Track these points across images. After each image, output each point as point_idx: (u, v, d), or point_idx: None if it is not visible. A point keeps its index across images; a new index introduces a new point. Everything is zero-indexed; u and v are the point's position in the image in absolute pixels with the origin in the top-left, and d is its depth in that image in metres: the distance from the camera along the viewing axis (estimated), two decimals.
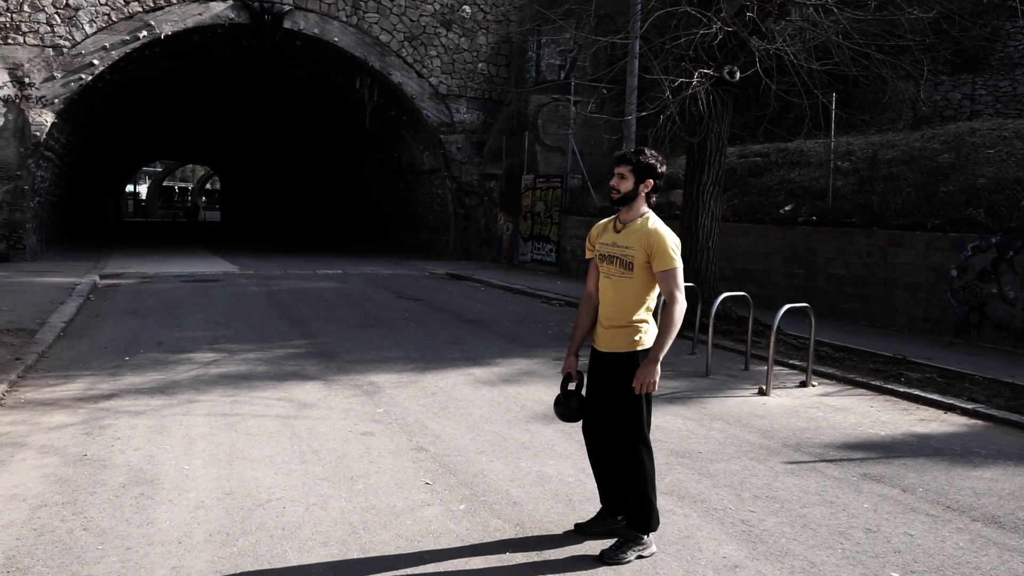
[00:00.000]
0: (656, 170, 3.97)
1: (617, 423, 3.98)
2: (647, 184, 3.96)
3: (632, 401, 3.92)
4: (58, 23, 18.64)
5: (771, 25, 10.00)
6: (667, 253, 3.87)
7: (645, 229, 3.94)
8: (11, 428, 5.80)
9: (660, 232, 3.90)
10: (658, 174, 3.98)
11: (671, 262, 3.87)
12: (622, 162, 3.99)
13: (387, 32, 21.65)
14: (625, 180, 3.96)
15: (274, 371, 7.97)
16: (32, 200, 19.15)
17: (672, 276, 3.87)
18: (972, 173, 11.28)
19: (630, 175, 3.95)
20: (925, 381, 8.06)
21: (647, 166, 3.95)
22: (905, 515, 4.59)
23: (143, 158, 55.35)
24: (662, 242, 3.88)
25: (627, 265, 3.94)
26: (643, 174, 3.95)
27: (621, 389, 3.92)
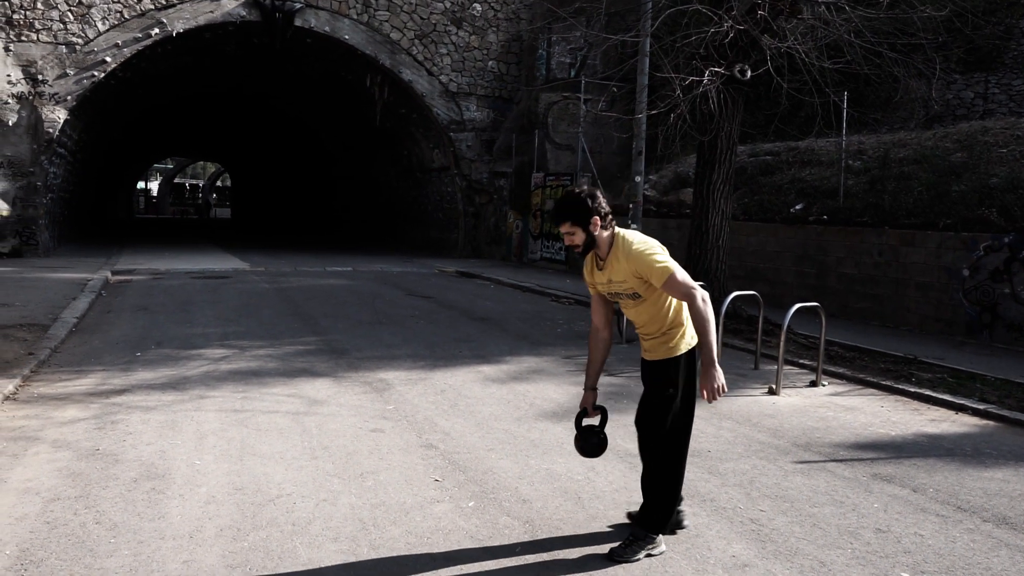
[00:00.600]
0: (591, 205, 3.83)
1: (648, 425, 3.99)
2: (595, 223, 3.84)
3: (662, 407, 3.95)
4: (71, 20, 18.75)
5: (783, 23, 9.96)
6: (656, 267, 3.80)
7: (623, 253, 3.86)
8: (24, 422, 5.85)
9: (637, 250, 3.83)
10: (598, 207, 3.84)
11: (665, 270, 3.80)
12: (561, 221, 3.88)
13: (397, 30, 21.67)
14: (575, 234, 3.87)
15: (284, 367, 8.01)
16: (45, 196, 19.27)
17: (674, 280, 3.81)
18: (985, 172, 11.21)
19: (575, 227, 3.85)
20: (936, 381, 8.02)
21: (584, 211, 3.82)
22: (915, 515, 4.58)
23: (154, 155, 55.60)
24: (644, 260, 3.81)
25: (633, 295, 3.95)
26: (585, 219, 3.83)
27: (658, 394, 3.98)
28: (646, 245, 3.86)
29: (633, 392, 7.09)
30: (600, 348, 4.17)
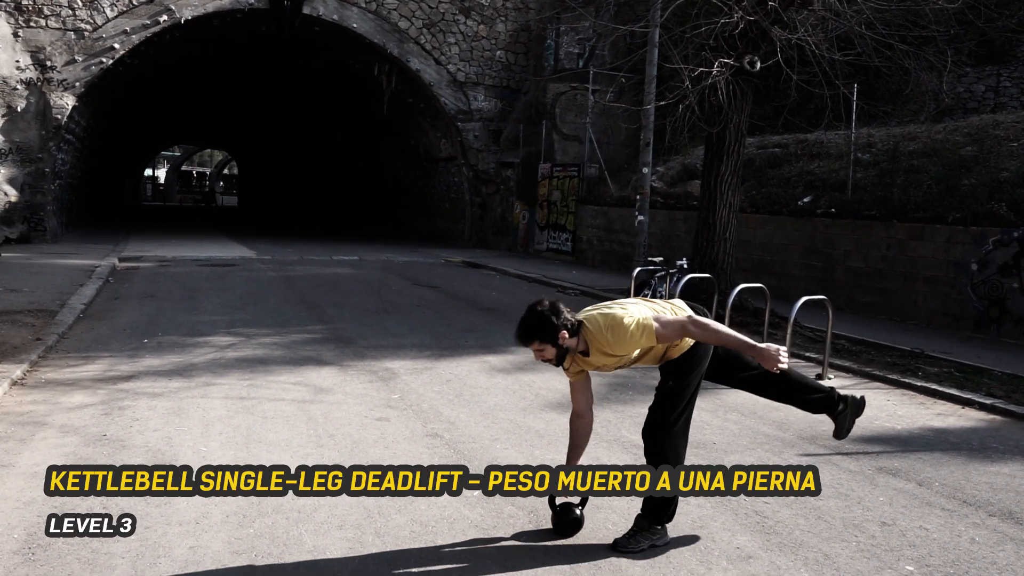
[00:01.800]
0: (556, 322, 3.73)
1: (650, 416, 3.99)
2: (562, 336, 3.76)
3: (666, 399, 3.93)
4: (79, 7, 18.74)
5: (793, 14, 9.90)
6: (638, 339, 3.71)
7: (603, 342, 3.76)
8: (32, 407, 5.88)
9: (611, 338, 3.72)
10: (561, 323, 3.74)
11: (647, 330, 3.69)
12: (528, 342, 3.80)
13: (406, 19, 21.61)
14: (545, 351, 3.79)
15: (290, 356, 8.03)
16: (53, 183, 19.32)
17: (662, 333, 3.71)
18: (995, 166, 11.15)
19: (544, 345, 3.78)
20: (943, 375, 8.00)
21: (549, 329, 3.73)
22: (921, 509, 4.57)
23: (162, 142, 55.67)
24: (624, 340, 3.71)
25: (631, 363, 3.94)
26: (552, 336, 3.75)
27: (662, 386, 3.96)
28: (615, 325, 3.72)
29: (638, 384, 7.10)
30: (583, 433, 4.11)
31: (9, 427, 5.40)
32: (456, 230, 24.61)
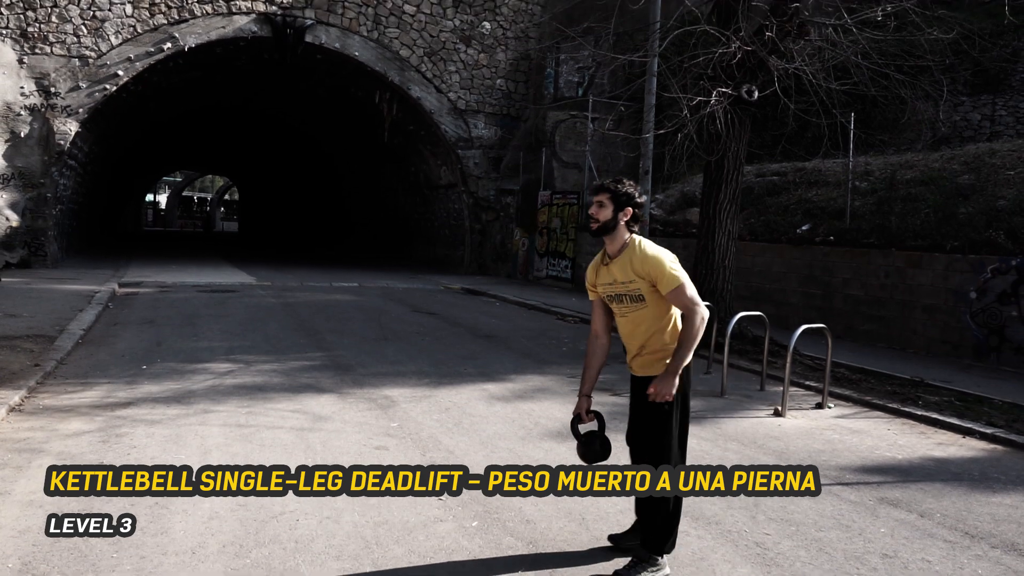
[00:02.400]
0: (635, 199, 3.93)
1: (647, 443, 3.97)
2: (626, 212, 3.92)
3: (661, 422, 3.91)
4: (84, 34, 18.94)
5: (790, 44, 10.00)
6: (668, 272, 3.83)
7: (636, 255, 3.89)
8: (29, 434, 5.86)
9: (652, 254, 3.87)
10: (636, 203, 3.94)
11: (675, 279, 3.82)
12: (600, 191, 3.96)
13: (407, 47, 21.83)
14: (604, 208, 3.92)
15: (289, 383, 8.01)
16: (54, 208, 19.39)
17: (682, 291, 3.83)
18: (992, 195, 11.20)
19: (609, 203, 3.92)
20: (943, 404, 7.97)
21: (625, 194, 3.92)
22: (923, 541, 4.54)
23: (163, 168, 55.95)
24: (659, 263, 3.84)
25: (637, 298, 3.92)
26: (621, 203, 3.91)
27: (653, 410, 3.93)
28: (660, 251, 3.90)
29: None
30: (598, 354, 4.15)
31: (6, 454, 5.37)
32: (456, 257, 24.66)
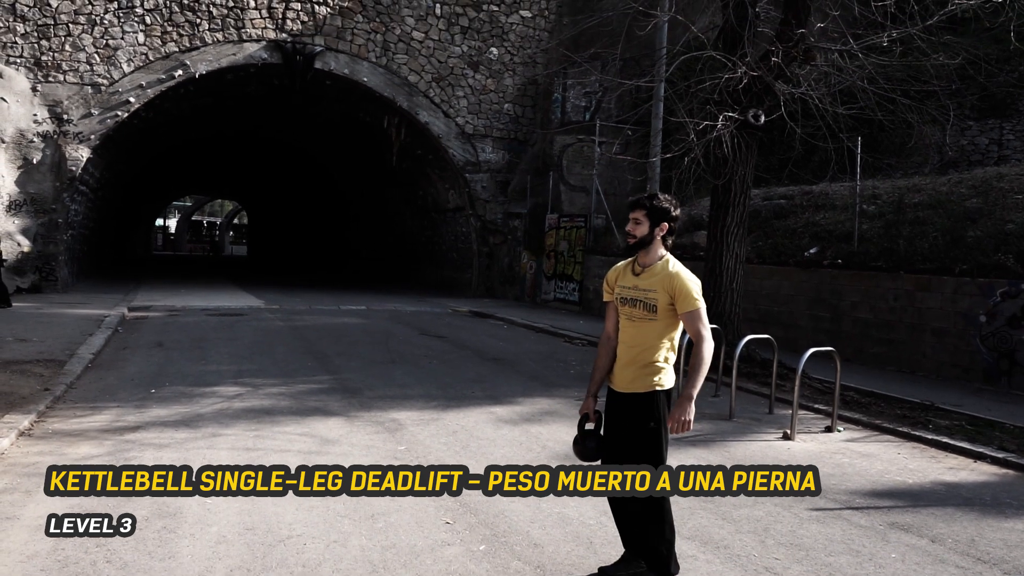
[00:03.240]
0: (670, 213, 4.01)
1: (635, 463, 3.95)
2: (662, 227, 4.00)
3: (651, 441, 3.90)
4: (97, 62, 19.20)
5: (796, 69, 10.07)
6: (691, 295, 3.90)
7: (666, 272, 3.97)
8: (38, 458, 5.87)
9: (681, 275, 3.95)
10: (672, 217, 4.02)
11: (695, 303, 3.90)
12: (637, 207, 4.04)
13: (415, 73, 22.04)
14: (640, 225, 4.00)
15: (297, 406, 8.02)
16: (65, 233, 19.56)
17: (697, 316, 3.90)
18: (1000, 218, 11.19)
19: (645, 219, 3.99)
20: (954, 428, 7.92)
21: (661, 210, 3.99)
22: (934, 566, 4.50)
23: (173, 192, 56.40)
24: (684, 284, 3.91)
25: (650, 307, 3.95)
26: (658, 218, 3.99)
27: (640, 429, 3.91)
28: (692, 276, 3.98)
29: None
30: (609, 354, 4.16)
31: (15, 479, 5.39)
32: (463, 280, 24.71)
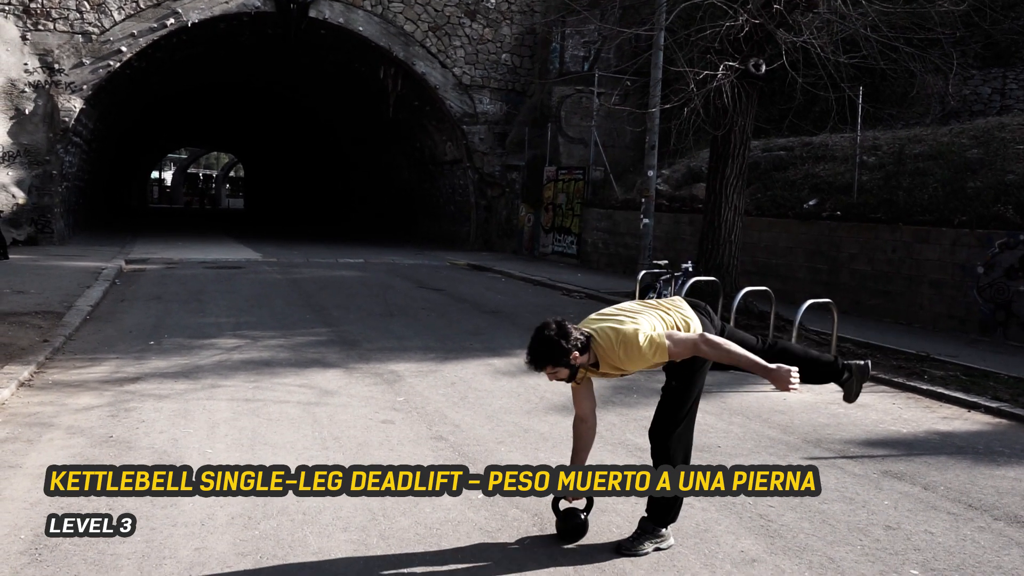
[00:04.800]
0: (564, 345, 3.68)
1: (655, 418, 4.00)
2: (574, 357, 3.73)
3: (669, 395, 3.95)
4: (87, 10, 18.84)
5: (798, 17, 9.90)
6: (651, 358, 3.68)
7: (612, 356, 3.73)
8: (39, 408, 5.91)
9: (627, 353, 3.68)
10: (570, 345, 3.68)
11: (660, 347, 3.65)
12: (542, 367, 3.78)
13: (411, 22, 21.66)
14: (559, 372, 3.77)
15: (296, 358, 8.05)
16: (60, 185, 19.41)
17: (674, 351, 3.67)
18: (1001, 169, 11.12)
19: (557, 368, 3.76)
20: (949, 379, 7.98)
21: (560, 352, 3.69)
22: (926, 513, 4.57)
23: (168, 145, 55.90)
24: (639, 358, 3.68)
25: (624, 374, 3.97)
26: (564, 359, 3.71)
27: (665, 385, 3.97)
28: (626, 339, 3.67)
29: (642, 387, 7.10)
30: (587, 437, 4.10)
31: (16, 428, 5.43)
32: (461, 233, 24.64)
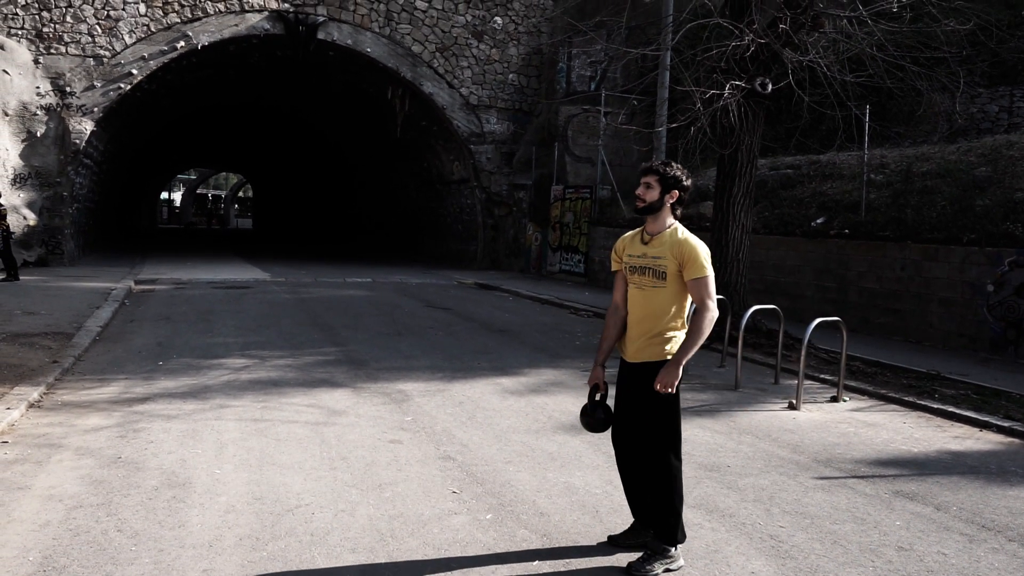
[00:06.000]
0: (682, 182, 4.02)
1: (647, 433, 3.97)
2: (672, 195, 4.01)
3: (663, 410, 3.92)
4: (99, 33, 19.07)
5: (804, 37, 9.94)
6: (699, 262, 3.90)
7: (675, 239, 3.97)
8: (48, 430, 5.93)
9: (691, 241, 3.95)
10: (684, 186, 4.03)
11: (703, 270, 3.90)
12: (649, 172, 4.05)
13: (419, 43, 21.84)
14: (651, 190, 4.01)
15: (304, 378, 8.05)
16: (71, 206, 19.55)
17: (704, 284, 3.90)
18: (1010, 187, 11.09)
19: (656, 184, 4.00)
20: (960, 398, 7.92)
21: (673, 177, 4.01)
22: (939, 534, 4.52)
23: (178, 166, 56.21)
24: (694, 251, 3.92)
25: (660, 275, 3.95)
26: (669, 185, 4.00)
27: (652, 398, 3.92)
28: (701, 244, 3.98)
29: None
30: (617, 324, 4.16)
31: (26, 449, 5.44)
32: (468, 252, 24.68)
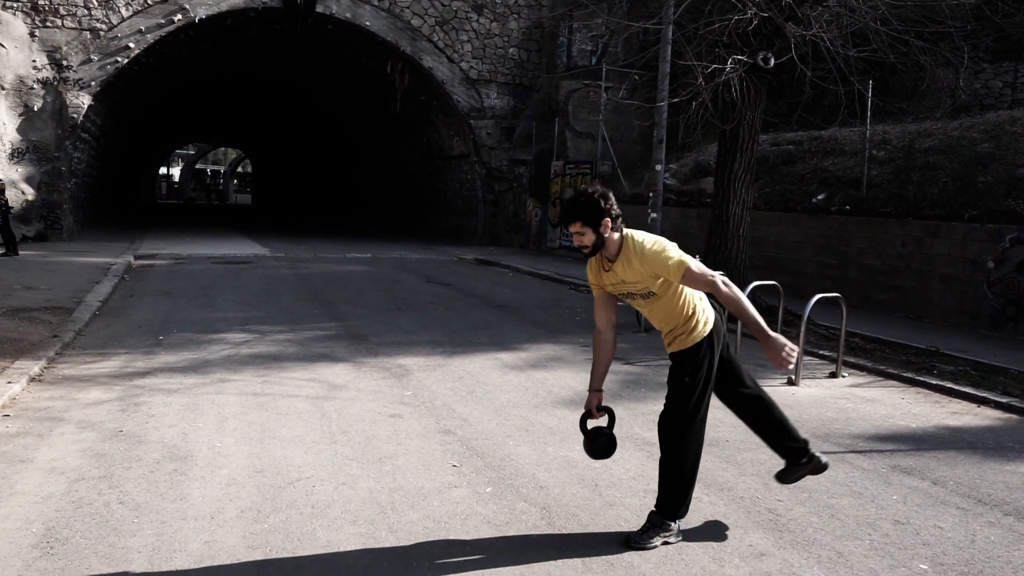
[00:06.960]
0: (603, 206, 3.78)
1: (666, 410, 3.99)
2: (605, 224, 3.80)
3: (680, 390, 3.93)
4: (95, 6, 18.88)
5: (807, 11, 9.84)
6: (670, 263, 3.74)
7: (635, 253, 3.80)
8: (50, 403, 5.95)
9: (650, 250, 3.77)
10: (607, 209, 3.79)
11: (680, 265, 3.73)
12: (571, 221, 3.84)
13: (418, 16, 21.64)
14: (585, 235, 3.82)
15: (304, 352, 8.07)
16: (69, 181, 19.48)
17: (692, 274, 3.74)
18: (1012, 163, 11.05)
19: (586, 228, 3.80)
20: (958, 374, 7.94)
21: (595, 212, 3.77)
22: (935, 508, 4.55)
23: (176, 140, 55.96)
24: (658, 259, 3.76)
25: (647, 294, 3.91)
26: (596, 221, 3.79)
27: (675, 382, 3.95)
28: (657, 244, 3.80)
29: (651, 380, 7.09)
30: (605, 350, 4.11)
31: (27, 423, 5.46)
32: (468, 227, 24.63)
